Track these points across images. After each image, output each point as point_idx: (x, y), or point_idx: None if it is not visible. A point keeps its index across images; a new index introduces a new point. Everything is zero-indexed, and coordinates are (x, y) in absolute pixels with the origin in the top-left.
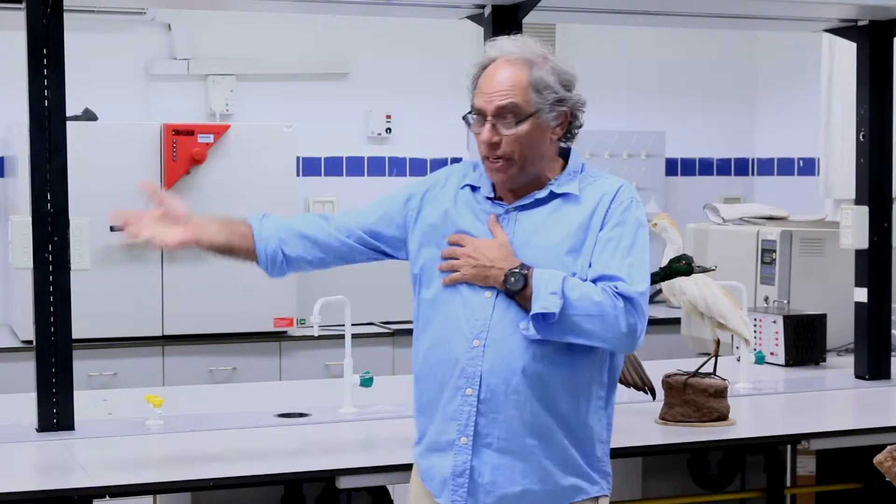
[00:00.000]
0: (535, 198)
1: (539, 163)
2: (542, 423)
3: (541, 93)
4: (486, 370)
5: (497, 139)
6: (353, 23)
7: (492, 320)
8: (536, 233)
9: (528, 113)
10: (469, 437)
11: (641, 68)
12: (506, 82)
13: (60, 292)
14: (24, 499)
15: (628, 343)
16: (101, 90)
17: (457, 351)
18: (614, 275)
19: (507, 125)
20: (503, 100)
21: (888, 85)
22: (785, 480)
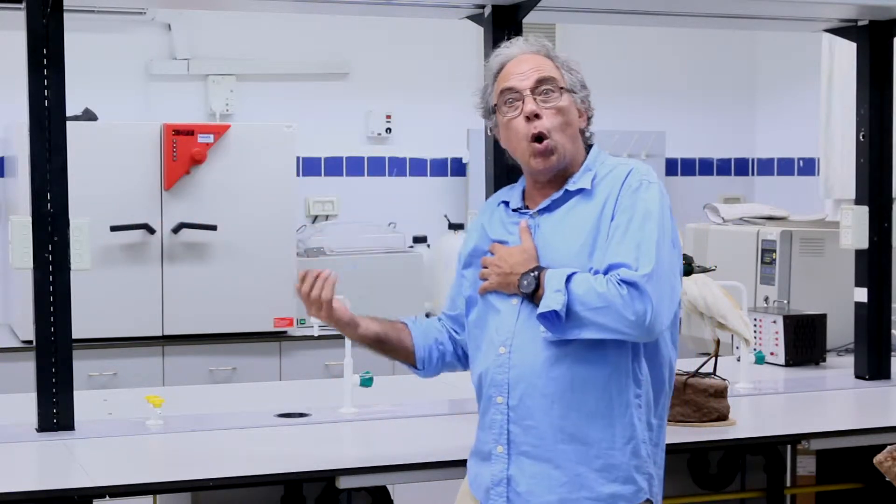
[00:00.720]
0: (552, 199)
1: (574, 148)
2: (574, 427)
3: (570, 73)
4: (513, 377)
5: (540, 111)
6: (353, 23)
7: (517, 326)
8: (555, 235)
9: (563, 86)
10: (504, 446)
11: (641, 68)
12: (537, 62)
13: (60, 292)
14: (24, 499)
15: (640, 331)
16: (101, 90)
17: (489, 360)
18: (620, 262)
19: (549, 97)
20: (541, 73)
21: (888, 85)
22: (785, 480)
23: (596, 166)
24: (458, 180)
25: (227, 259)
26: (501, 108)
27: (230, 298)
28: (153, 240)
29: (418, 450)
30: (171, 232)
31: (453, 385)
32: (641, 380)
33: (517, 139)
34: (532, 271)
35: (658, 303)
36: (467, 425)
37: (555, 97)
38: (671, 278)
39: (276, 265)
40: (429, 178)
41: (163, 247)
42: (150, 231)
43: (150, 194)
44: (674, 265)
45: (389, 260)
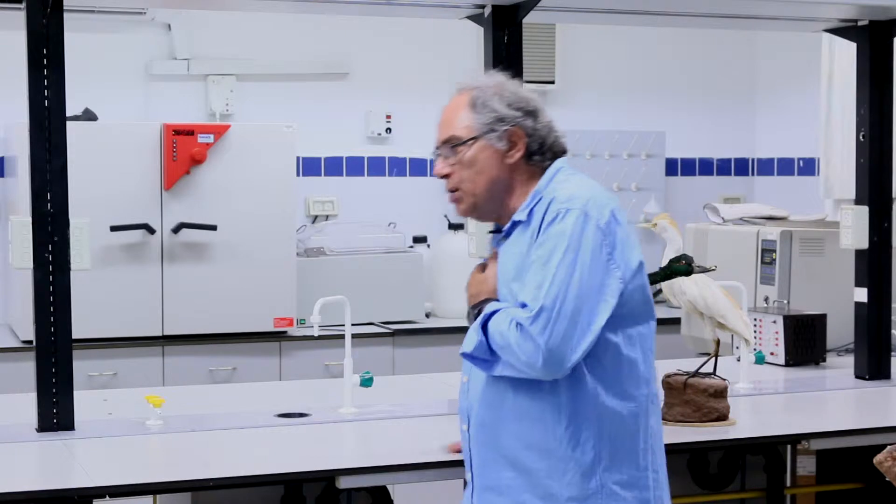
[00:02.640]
0: (505, 229)
1: (502, 192)
2: (514, 455)
3: (480, 114)
4: (470, 405)
5: (447, 171)
6: (353, 23)
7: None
8: (502, 264)
9: (467, 138)
10: (470, 472)
11: (641, 68)
12: (447, 115)
13: (60, 292)
14: (24, 499)
15: (536, 371)
16: (101, 90)
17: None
18: (523, 300)
19: (450, 154)
20: (446, 132)
21: (888, 85)
22: (785, 480)
23: (545, 193)
24: None
25: (227, 259)
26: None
27: (230, 298)
28: (153, 240)
29: (418, 450)
30: (171, 232)
31: (453, 385)
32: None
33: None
34: (478, 304)
35: (553, 340)
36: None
37: (459, 152)
38: (578, 313)
39: (276, 265)
40: (429, 178)
41: (163, 247)
42: (150, 231)
43: (150, 194)
44: (586, 296)
45: (389, 260)
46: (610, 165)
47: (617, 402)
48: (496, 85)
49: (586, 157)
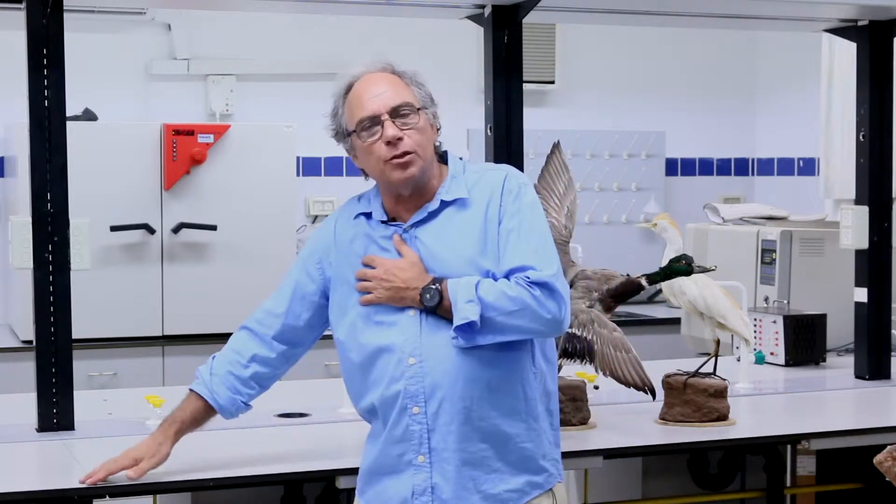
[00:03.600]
0: (428, 211)
1: (431, 163)
2: (491, 426)
3: (420, 88)
4: (429, 386)
5: (402, 134)
6: (352, 23)
7: (423, 336)
8: (439, 245)
9: (418, 106)
10: (426, 455)
11: (641, 68)
12: (388, 83)
13: (60, 292)
14: (24, 499)
15: (555, 328)
16: (101, 90)
17: (393, 373)
18: (523, 265)
19: (407, 119)
20: (396, 96)
21: (888, 85)
22: (785, 480)
23: (462, 174)
24: None
25: (227, 259)
26: (360, 133)
27: (230, 298)
28: (153, 240)
29: None
30: (171, 232)
31: None
32: (537, 372)
33: (377, 161)
34: (432, 284)
35: (567, 298)
36: None
37: (413, 120)
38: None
39: (276, 265)
40: None
41: (163, 247)
42: (150, 231)
43: (150, 194)
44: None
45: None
46: (610, 165)
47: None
48: (413, 71)
49: (586, 157)
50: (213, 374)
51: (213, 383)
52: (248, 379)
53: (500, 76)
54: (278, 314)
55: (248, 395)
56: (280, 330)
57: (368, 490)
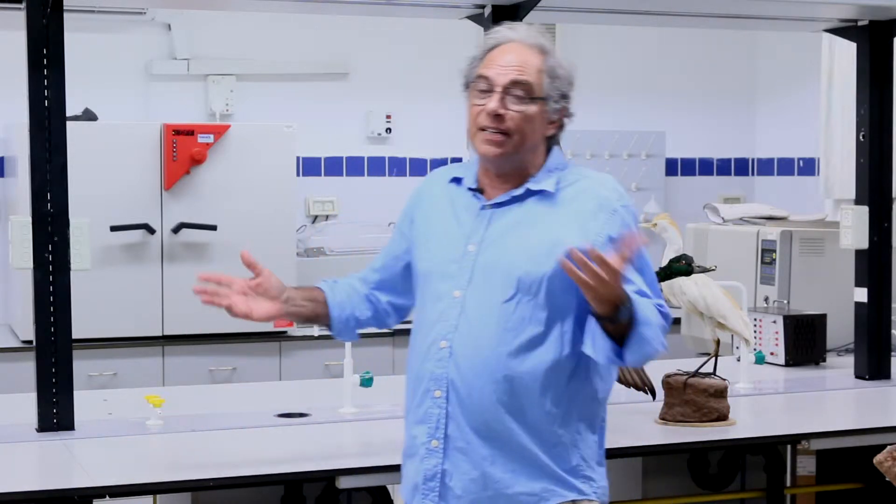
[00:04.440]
0: (512, 195)
1: (531, 152)
2: (509, 429)
3: (553, 81)
4: (454, 373)
5: (503, 112)
6: (353, 23)
7: (459, 321)
8: (508, 234)
9: (539, 96)
10: (440, 441)
11: (641, 68)
12: (524, 60)
13: (60, 292)
14: (24, 499)
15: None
16: (101, 90)
17: (429, 353)
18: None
19: (517, 101)
20: (520, 75)
21: (888, 85)
22: (785, 480)
23: (559, 171)
24: None
25: (227, 259)
26: (473, 89)
27: None
28: (153, 240)
29: None
30: (171, 232)
31: None
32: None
33: (473, 123)
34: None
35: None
36: None
37: (524, 104)
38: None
39: (276, 265)
40: None
41: (163, 247)
42: (150, 231)
43: (150, 194)
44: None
45: None
46: (610, 165)
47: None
48: (569, 63)
49: (586, 157)
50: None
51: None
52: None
53: None
54: (376, 269)
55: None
56: (378, 282)
57: (402, 472)
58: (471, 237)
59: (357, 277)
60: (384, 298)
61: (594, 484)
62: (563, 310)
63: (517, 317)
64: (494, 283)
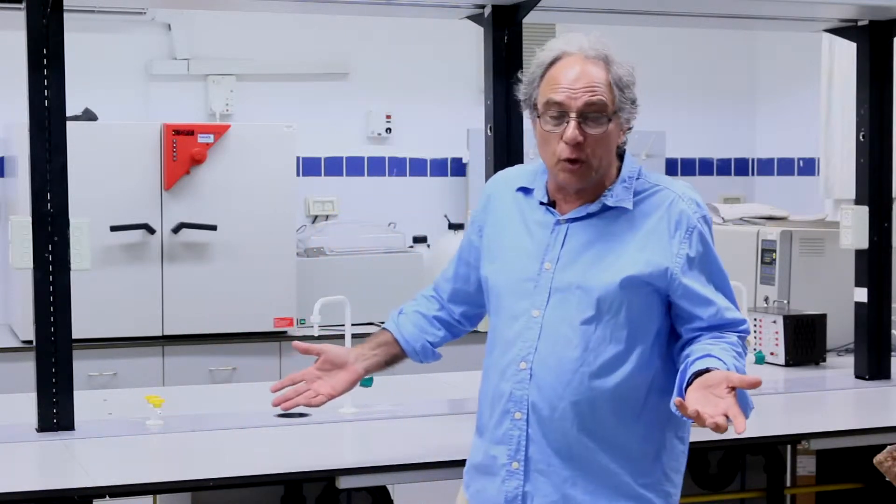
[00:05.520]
0: (588, 211)
1: (608, 167)
2: (590, 451)
3: (623, 91)
4: (535, 395)
5: (582, 139)
6: (353, 23)
7: (539, 343)
8: (588, 250)
9: (613, 111)
10: (521, 462)
11: (641, 68)
12: (591, 78)
13: (60, 292)
14: (24, 499)
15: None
16: (101, 90)
17: (507, 374)
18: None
19: (595, 124)
20: (592, 96)
21: (888, 85)
22: (785, 480)
23: (633, 181)
24: (458, 180)
25: (227, 259)
26: (544, 115)
27: (230, 298)
28: (153, 240)
29: (418, 450)
30: (171, 232)
31: (453, 385)
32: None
33: (550, 151)
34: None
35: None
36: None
37: (601, 125)
38: None
39: (276, 265)
40: (429, 178)
41: (163, 247)
42: (150, 231)
43: (150, 194)
44: None
45: (389, 260)
46: None
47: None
48: (629, 65)
49: None
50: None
51: (399, 322)
52: (433, 319)
53: (500, 76)
54: (448, 278)
55: (434, 335)
56: (451, 293)
57: (472, 486)
58: (546, 254)
59: (426, 296)
60: (458, 310)
61: (671, 499)
62: (644, 327)
63: (598, 337)
64: (573, 302)
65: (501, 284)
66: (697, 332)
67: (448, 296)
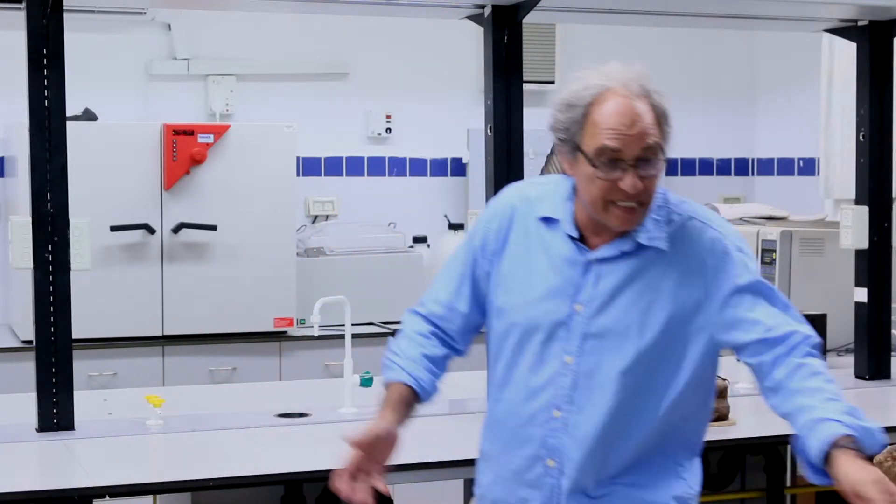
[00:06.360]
0: (622, 251)
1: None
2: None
3: (665, 126)
4: (570, 444)
5: (641, 186)
6: (353, 23)
7: (576, 393)
8: (623, 292)
9: (664, 149)
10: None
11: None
12: (643, 120)
13: (60, 292)
14: (24, 499)
15: None
16: (101, 90)
17: (531, 416)
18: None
19: (651, 167)
20: (648, 140)
21: (888, 85)
22: (785, 480)
23: (660, 210)
24: (458, 180)
25: (227, 259)
26: (595, 162)
27: (230, 298)
28: (153, 240)
29: (418, 450)
30: (171, 232)
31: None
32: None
33: (598, 195)
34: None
35: None
36: (467, 425)
37: (655, 167)
38: None
39: (276, 265)
40: (429, 178)
41: (163, 247)
42: (150, 231)
43: (150, 194)
44: None
45: (389, 260)
46: None
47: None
48: (663, 92)
49: None
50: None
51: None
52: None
53: (500, 76)
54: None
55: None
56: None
57: None
58: (577, 296)
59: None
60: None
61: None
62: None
63: (637, 384)
64: (610, 349)
65: (524, 324)
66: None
67: (457, 331)
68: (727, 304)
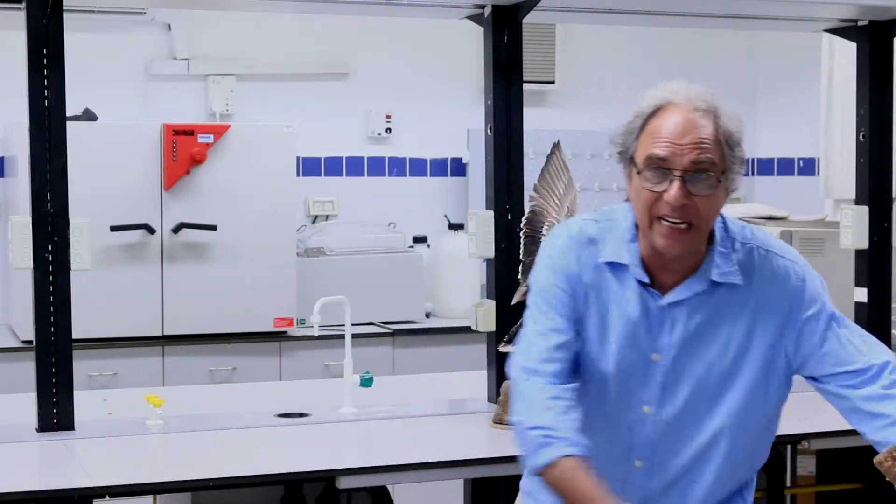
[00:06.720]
0: (695, 292)
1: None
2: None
3: (732, 149)
4: (650, 495)
5: (686, 201)
6: (353, 23)
7: (658, 441)
8: (701, 337)
9: (722, 171)
10: None
11: (641, 68)
12: (699, 132)
13: (60, 292)
14: (24, 499)
15: None
16: (101, 90)
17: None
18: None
19: (704, 185)
20: (700, 153)
21: (888, 85)
22: (785, 480)
23: (727, 244)
24: (458, 180)
25: (227, 259)
26: (643, 170)
27: (230, 298)
28: (153, 240)
29: (418, 450)
30: (171, 232)
31: (453, 385)
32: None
33: (646, 210)
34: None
35: None
36: (467, 425)
37: (708, 186)
38: None
39: (276, 265)
40: (429, 178)
41: (163, 247)
42: (150, 231)
43: (150, 194)
44: None
45: (389, 260)
46: (610, 165)
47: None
48: (738, 119)
49: (586, 157)
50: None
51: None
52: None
53: (500, 76)
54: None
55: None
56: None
57: None
58: (653, 344)
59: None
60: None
61: None
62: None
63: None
64: (689, 396)
65: (603, 370)
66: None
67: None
68: (803, 334)
